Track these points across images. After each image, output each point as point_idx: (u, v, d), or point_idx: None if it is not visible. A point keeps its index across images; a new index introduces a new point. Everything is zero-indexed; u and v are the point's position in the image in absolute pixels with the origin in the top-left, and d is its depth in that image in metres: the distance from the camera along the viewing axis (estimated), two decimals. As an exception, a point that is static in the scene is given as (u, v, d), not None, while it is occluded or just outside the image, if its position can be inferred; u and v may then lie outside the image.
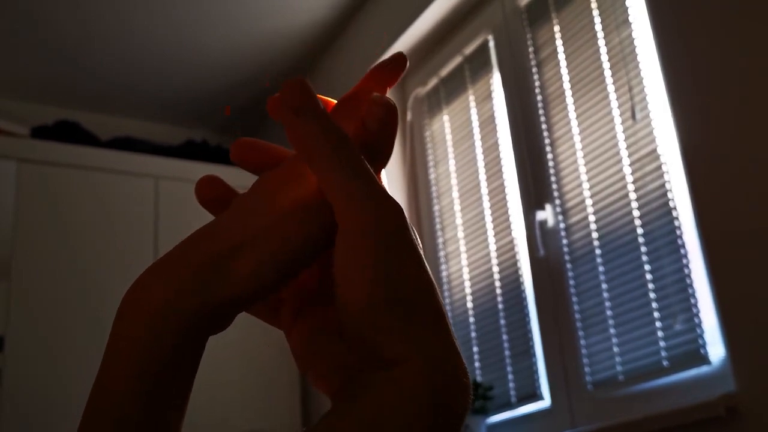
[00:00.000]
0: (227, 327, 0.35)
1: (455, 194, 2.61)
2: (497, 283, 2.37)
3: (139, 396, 0.32)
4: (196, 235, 0.34)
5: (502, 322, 2.33)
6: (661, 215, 1.88)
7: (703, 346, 1.74)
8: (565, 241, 2.14)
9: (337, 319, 0.32)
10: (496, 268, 2.38)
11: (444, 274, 2.60)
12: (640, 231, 1.92)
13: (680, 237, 1.82)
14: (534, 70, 2.33)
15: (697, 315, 1.77)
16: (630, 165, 1.97)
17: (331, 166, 0.32)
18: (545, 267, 2.19)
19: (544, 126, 2.26)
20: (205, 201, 0.38)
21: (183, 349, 0.32)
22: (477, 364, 2.40)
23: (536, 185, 2.25)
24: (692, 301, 1.78)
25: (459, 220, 2.58)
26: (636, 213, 1.94)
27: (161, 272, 0.34)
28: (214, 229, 0.34)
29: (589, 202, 2.08)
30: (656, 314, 1.85)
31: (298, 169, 0.34)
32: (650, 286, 1.88)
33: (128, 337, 0.33)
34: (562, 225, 2.16)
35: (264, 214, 0.33)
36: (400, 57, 0.38)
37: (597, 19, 2.13)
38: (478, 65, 2.58)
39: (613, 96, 2.05)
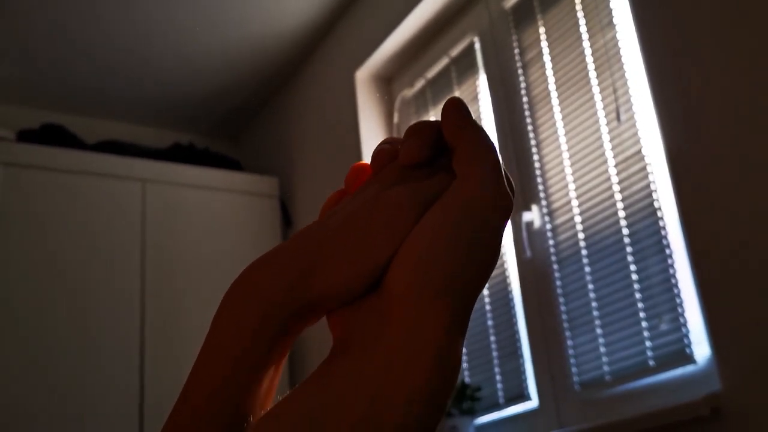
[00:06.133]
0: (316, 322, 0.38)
1: (442, 196, 2.61)
2: (484, 285, 2.37)
3: (236, 377, 0.35)
4: (302, 236, 0.37)
5: (490, 323, 2.34)
6: (646, 216, 1.89)
7: (689, 345, 1.75)
8: (551, 242, 2.15)
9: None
10: (483, 270, 2.38)
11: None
12: (625, 232, 1.93)
13: (665, 237, 1.84)
14: (520, 71, 2.34)
15: (682, 315, 1.78)
16: (615, 166, 1.98)
17: (481, 157, 0.36)
18: (532, 268, 2.20)
19: (530, 127, 2.27)
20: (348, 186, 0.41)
21: (279, 340, 0.36)
22: (465, 366, 2.40)
23: (522, 186, 2.26)
24: (677, 300, 1.79)
25: (446, 222, 2.58)
26: (621, 214, 1.95)
27: (268, 270, 0.36)
28: (316, 235, 0.37)
29: (575, 203, 2.09)
30: (642, 314, 1.87)
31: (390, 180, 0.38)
32: (636, 286, 1.89)
33: (235, 325, 0.35)
34: (548, 226, 2.17)
35: (361, 223, 0.36)
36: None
37: (582, 21, 2.14)
38: (464, 67, 2.59)
39: (598, 97, 2.06)
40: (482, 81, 2.50)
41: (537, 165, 2.23)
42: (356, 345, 0.33)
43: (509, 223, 2.26)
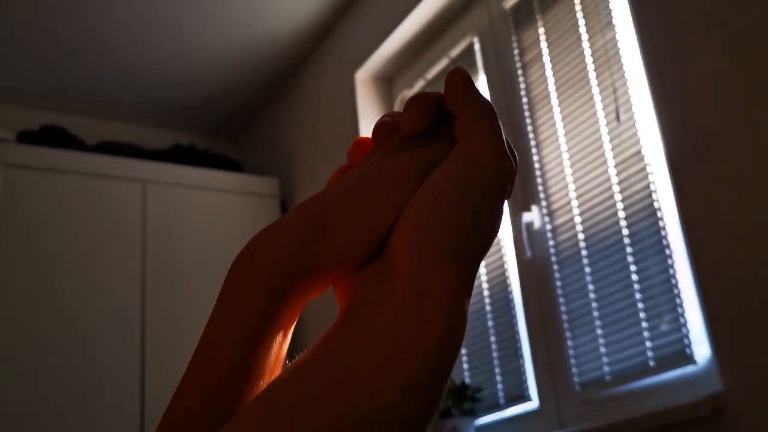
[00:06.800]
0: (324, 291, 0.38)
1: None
2: (485, 285, 2.38)
3: (245, 347, 0.34)
4: (304, 207, 0.37)
5: (490, 324, 2.34)
6: (646, 216, 1.89)
7: (689, 345, 1.75)
8: (551, 243, 2.15)
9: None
10: (483, 270, 2.39)
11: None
12: (625, 232, 1.93)
13: (665, 238, 1.84)
14: (519, 72, 2.34)
15: (682, 315, 1.78)
16: (615, 166, 1.98)
17: (483, 122, 0.37)
18: (532, 268, 2.20)
19: (529, 128, 2.27)
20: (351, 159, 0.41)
21: (284, 309, 0.35)
22: (465, 366, 2.40)
23: (522, 187, 2.26)
24: (678, 301, 1.79)
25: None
26: (621, 214, 1.95)
27: (266, 245, 0.36)
28: (318, 204, 0.37)
29: (575, 203, 2.09)
30: (642, 314, 1.86)
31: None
32: (636, 286, 1.89)
33: (236, 308, 0.35)
34: (548, 227, 2.17)
35: (363, 195, 0.36)
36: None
37: (581, 22, 2.14)
38: (463, 67, 2.58)
39: (597, 98, 2.06)
40: (482, 81, 2.50)
41: (537, 165, 2.23)
42: (362, 309, 0.33)
43: (509, 224, 2.26)
